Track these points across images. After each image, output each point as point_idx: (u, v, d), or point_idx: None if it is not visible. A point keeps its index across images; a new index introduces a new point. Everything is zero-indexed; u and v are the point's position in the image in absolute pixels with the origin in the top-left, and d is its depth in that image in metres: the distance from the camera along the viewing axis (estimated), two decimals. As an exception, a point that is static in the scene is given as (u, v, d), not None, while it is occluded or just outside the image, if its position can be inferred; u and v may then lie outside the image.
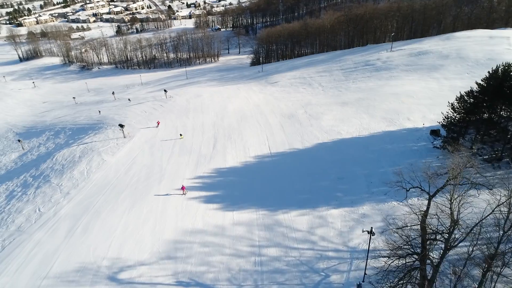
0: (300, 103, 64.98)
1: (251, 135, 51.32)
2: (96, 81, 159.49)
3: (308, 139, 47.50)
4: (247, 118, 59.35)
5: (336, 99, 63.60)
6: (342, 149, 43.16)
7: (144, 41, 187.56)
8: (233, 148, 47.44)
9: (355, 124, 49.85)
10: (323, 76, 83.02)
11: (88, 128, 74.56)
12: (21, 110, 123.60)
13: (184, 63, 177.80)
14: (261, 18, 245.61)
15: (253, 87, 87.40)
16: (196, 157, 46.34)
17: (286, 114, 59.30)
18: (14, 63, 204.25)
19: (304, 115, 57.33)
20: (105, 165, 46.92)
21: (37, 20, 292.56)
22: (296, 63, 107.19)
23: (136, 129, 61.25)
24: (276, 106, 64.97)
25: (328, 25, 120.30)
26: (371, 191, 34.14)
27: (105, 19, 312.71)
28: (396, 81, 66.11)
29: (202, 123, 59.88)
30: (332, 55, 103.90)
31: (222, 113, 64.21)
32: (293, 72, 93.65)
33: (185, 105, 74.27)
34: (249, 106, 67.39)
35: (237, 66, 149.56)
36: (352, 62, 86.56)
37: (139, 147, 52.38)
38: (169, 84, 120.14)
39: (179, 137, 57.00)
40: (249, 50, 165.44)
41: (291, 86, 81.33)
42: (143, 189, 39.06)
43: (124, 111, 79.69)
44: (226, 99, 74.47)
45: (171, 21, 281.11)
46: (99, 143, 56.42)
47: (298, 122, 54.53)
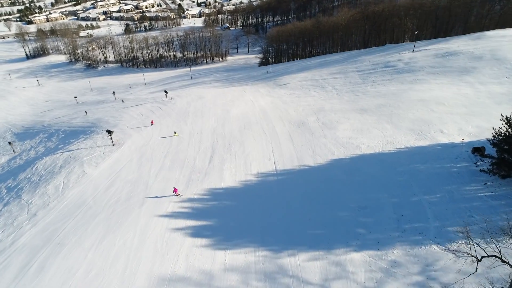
0: (312, 108, 57.58)
1: (255, 147, 44.22)
2: (101, 80, 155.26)
3: (321, 153, 40.11)
4: (251, 125, 52.29)
5: (353, 105, 55.98)
6: (363, 168, 35.64)
7: (151, 39, 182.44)
8: (233, 163, 40.39)
9: (377, 136, 42.22)
10: (338, 78, 75.34)
11: (81, 132, 68.87)
12: (22, 109, 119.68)
13: (191, 62, 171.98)
14: (272, 17, 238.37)
15: (260, 89, 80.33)
16: (188, 172, 39.46)
17: (296, 121, 52.01)
18: (21, 60, 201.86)
19: (316, 123, 49.94)
20: (85, 179, 40.48)
21: (47, 18, 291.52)
22: (307, 64, 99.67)
23: (128, 135, 54.84)
24: (284, 112, 57.75)
25: (342, 23, 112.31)
26: (402, 228, 26.63)
27: (114, 17, 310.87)
28: (422, 85, 58.05)
29: (201, 129, 53.07)
30: (347, 55, 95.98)
31: (223, 118, 57.31)
32: (304, 73, 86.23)
33: (185, 108, 67.68)
34: (254, 111, 60.33)
35: (245, 66, 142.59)
36: (369, 63, 78.63)
37: (127, 157, 45.85)
38: (173, 84, 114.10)
39: (174, 135, 52.26)
40: (258, 50, 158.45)
41: (301, 89, 73.94)
42: (121, 213, 32.35)
43: (120, 113, 73.79)
44: (229, 102, 67.55)
45: (181, 20, 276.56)
46: (85, 151, 50.17)
47: (309, 131, 47.18)
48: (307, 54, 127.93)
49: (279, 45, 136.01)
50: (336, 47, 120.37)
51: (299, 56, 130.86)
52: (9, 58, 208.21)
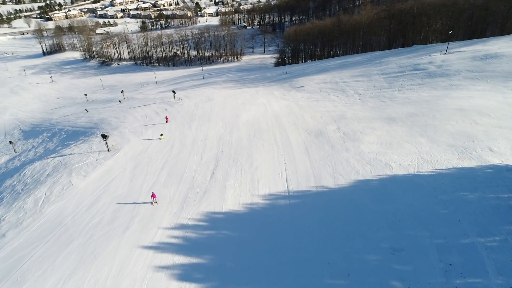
0: (331, 115, 51.02)
1: (264, 159, 38.12)
2: (113, 77, 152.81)
3: (342, 171, 33.63)
4: (262, 133, 46.21)
5: (379, 112, 49.07)
6: (395, 193, 28.99)
7: (165, 37, 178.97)
8: (238, 179, 34.39)
9: (410, 153, 35.38)
10: (360, 81, 68.33)
11: (82, 133, 64.78)
12: (34, 106, 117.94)
13: (205, 62, 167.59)
14: (290, 16, 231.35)
15: (274, 91, 74.17)
16: (186, 188, 33.74)
17: (313, 130, 45.58)
18: (38, 56, 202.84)
19: (336, 133, 43.39)
20: (69, 192, 35.40)
21: (66, 15, 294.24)
22: (326, 65, 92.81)
23: (126, 139, 49.76)
24: (300, 118, 51.39)
25: (365, 21, 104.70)
26: (453, 284, 20.01)
27: (132, 15, 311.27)
28: (460, 92, 50.58)
29: (206, 136, 47.38)
30: (370, 57, 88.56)
31: (232, 123, 51.48)
32: (322, 75, 79.53)
33: (192, 110, 62.30)
34: (266, 116, 54.23)
35: (260, 66, 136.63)
36: (396, 65, 71.21)
37: (120, 166, 40.61)
38: (184, 83, 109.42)
39: (160, 137, 48.66)
40: (274, 49, 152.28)
41: (319, 92, 67.34)
42: (99, 240, 26.90)
43: (124, 114, 69.31)
44: (240, 106, 61.70)
45: (197, 18, 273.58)
46: (78, 157, 45.33)
47: (328, 143, 40.69)
48: (326, 54, 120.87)
49: (296, 44, 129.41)
50: (357, 48, 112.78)
51: (317, 56, 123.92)
52: (27, 54, 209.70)
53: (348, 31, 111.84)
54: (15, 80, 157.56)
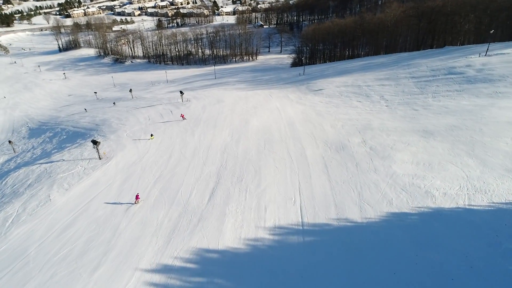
0: (355, 124, 44.16)
1: (275, 179, 31.79)
2: (125, 75, 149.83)
3: (371, 200, 26.95)
4: (273, 144, 39.88)
5: (412, 123, 41.90)
6: (442, 236, 22.19)
7: (180, 35, 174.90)
8: (241, 203, 28.22)
9: (457, 177, 28.33)
10: (386, 85, 60.99)
11: (81, 135, 60.51)
12: (45, 102, 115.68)
13: (220, 61, 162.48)
14: (308, 16, 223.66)
15: (289, 94, 67.68)
16: (177, 212, 27.84)
17: (333, 142, 38.90)
18: (54, 53, 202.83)
19: (361, 147, 36.61)
20: (45, 210, 30.14)
21: (85, 12, 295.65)
22: (347, 66, 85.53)
23: (121, 146, 44.46)
24: (318, 127, 44.76)
25: (392, 20, 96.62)
26: None
27: (149, 13, 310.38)
28: (509, 101, 42.80)
29: (209, 145, 41.45)
30: (396, 58, 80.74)
31: (240, 131, 45.39)
32: (343, 78, 72.42)
33: (198, 113, 56.67)
34: (279, 123, 47.87)
35: (276, 66, 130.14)
36: (427, 68, 63.40)
37: (109, 179, 35.17)
38: (195, 83, 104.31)
39: (150, 138, 45.68)
40: (291, 49, 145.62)
41: (340, 97, 60.42)
42: (61, 281, 21.33)
43: (127, 115, 64.56)
44: (251, 110, 55.58)
45: (214, 17, 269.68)
46: (65, 165, 40.28)
47: (352, 160, 33.98)
48: (346, 55, 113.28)
49: (314, 44, 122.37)
50: (380, 49, 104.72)
51: (337, 57, 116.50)
52: (43, 50, 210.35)
53: (371, 30, 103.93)
54: (30, 76, 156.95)
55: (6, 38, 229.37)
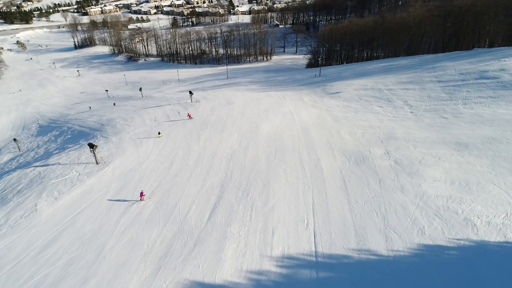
0: (376, 133, 39.77)
1: (285, 195, 27.89)
2: (138, 74, 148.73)
3: (398, 226, 22.75)
4: (285, 153, 35.95)
5: (442, 133, 37.24)
6: (488, 277, 17.88)
7: (194, 33, 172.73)
8: (245, 224, 24.46)
9: (502, 202, 23.79)
10: (410, 89, 56.13)
11: (85, 135, 58.36)
12: (57, 99, 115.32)
13: (233, 60, 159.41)
14: (325, 16, 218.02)
15: (304, 96, 63.58)
16: (172, 232, 24.34)
17: (352, 153, 34.68)
18: (69, 50, 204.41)
19: (385, 160, 32.28)
20: (28, 222, 27.20)
21: (102, 10, 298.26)
22: (366, 68, 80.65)
23: (122, 149, 41.44)
24: (335, 134, 40.57)
25: (415, 20, 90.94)
26: None
27: (165, 12, 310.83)
28: (555, 111, 37.61)
29: (215, 152, 37.89)
30: (420, 60, 75.41)
31: (249, 136, 41.67)
32: (362, 80, 67.77)
33: (206, 116, 53.33)
34: (293, 129, 43.90)
35: (290, 67, 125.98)
36: (455, 71, 58.16)
37: (102, 188, 32.03)
38: (206, 83, 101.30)
39: (158, 136, 44.85)
40: (307, 50, 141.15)
41: (359, 101, 55.93)
42: (30, 316, 18.04)
43: (133, 116, 62.02)
44: (262, 113, 51.83)
45: (229, 16, 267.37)
46: (60, 169, 37.51)
47: (374, 175, 29.73)
48: (364, 56, 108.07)
49: (331, 45, 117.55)
50: (401, 50, 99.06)
51: (354, 58, 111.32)
52: (59, 47, 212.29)
53: (392, 30, 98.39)
54: (44, 73, 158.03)
55: (24, 35, 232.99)
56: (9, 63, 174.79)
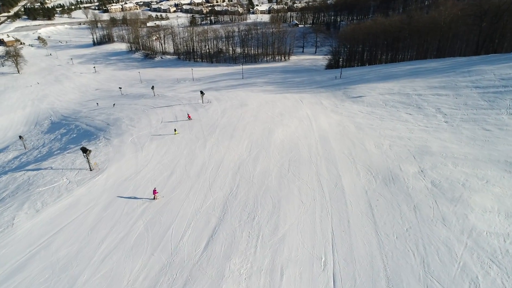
0: (406, 145, 34.44)
1: (299, 222, 23.17)
2: (153, 71, 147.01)
3: (442, 274, 17.69)
4: (299, 166, 31.21)
5: (487, 149, 31.57)
6: None
7: (211, 32, 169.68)
8: (247, 259, 19.95)
9: None
10: (443, 95, 50.18)
11: (89, 135, 55.70)
12: (72, 96, 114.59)
13: (250, 60, 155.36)
14: (347, 16, 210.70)
15: (323, 100, 58.52)
16: (159, 266, 20.10)
17: (380, 170, 29.56)
18: (88, 46, 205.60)
19: (419, 180, 27.04)
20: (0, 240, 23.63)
21: (122, 7, 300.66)
22: (391, 70, 74.59)
23: (120, 154, 37.77)
24: (358, 146, 35.49)
25: (446, 19, 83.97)
26: None
27: (184, 10, 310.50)
28: None
29: (220, 162, 33.57)
30: (451, 63, 68.83)
31: (261, 144, 37.15)
32: (387, 84, 62.05)
33: (216, 118, 49.23)
34: (310, 137, 39.06)
35: (309, 67, 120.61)
36: (495, 76, 51.72)
37: (90, 201, 28.24)
38: (220, 83, 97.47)
39: (174, 133, 43.39)
40: (327, 50, 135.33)
41: (384, 107, 50.44)
42: None
43: (140, 116, 58.90)
44: (276, 118, 47.23)
45: (248, 15, 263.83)
46: (51, 174, 34.15)
47: (407, 200, 24.59)
48: (389, 58, 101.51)
49: (353, 45, 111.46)
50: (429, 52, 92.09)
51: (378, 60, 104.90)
52: (79, 43, 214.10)
53: (420, 31, 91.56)
54: (62, 69, 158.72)
55: (46, 31, 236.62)
56: (29, 58, 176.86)
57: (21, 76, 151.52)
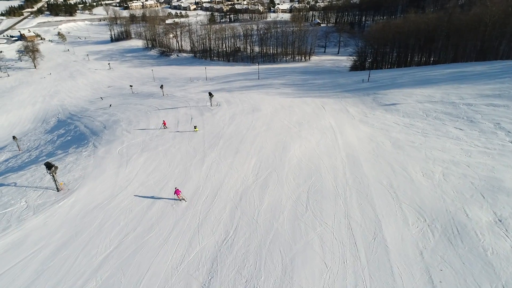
0: (467, 175, 25.63)
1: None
2: (168, 69, 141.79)
3: None
4: (322, 203, 23.06)
5: None
6: None
7: (229, 30, 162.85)
8: None
9: None
10: (500, 106, 40.69)
11: (80, 140, 49.94)
12: (83, 92, 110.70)
13: (269, 59, 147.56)
14: (373, 16, 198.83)
15: (349, 107, 49.96)
16: None
17: (436, 214, 21.02)
18: (105, 42, 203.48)
19: (500, 238, 18.38)
20: None
21: (143, 5, 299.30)
22: (429, 74, 64.87)
23: (100, 170, 30.77)
24: (400, 173, 26.93)
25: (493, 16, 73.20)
26: None
27: (205, 8, 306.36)
28: None
29: (218, 189, 25.87)
30: (503, 67, 58.64)
31: (271, 165, 29.24)
32: (426, 89, 52.80)
33: (222, 126, 41.77)
34: (334, 155, 30.80)
35: (332, 69, 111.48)
36: None
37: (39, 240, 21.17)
38: (234, 83, 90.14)
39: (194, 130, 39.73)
40: (351, 51, 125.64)
41: (426, 118, 41.41)
42: None
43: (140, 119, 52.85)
44: (294, 128, 39.21)
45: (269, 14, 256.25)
46: (11, 193, 27.55)
47: (491, 275, 16.05)
48: (423, 60, 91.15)
49: (381, 45, 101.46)
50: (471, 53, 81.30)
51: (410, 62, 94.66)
52: (97, 39, 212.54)
53: (461, 29, 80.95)
54: (77, 65, 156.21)
55: (66, 27, 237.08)
56: (47, 53, 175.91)
57: (37, 72, 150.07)
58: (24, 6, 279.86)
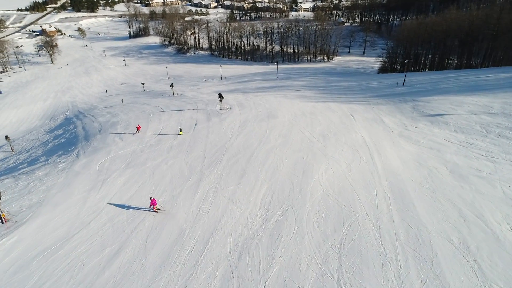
0: None
1: None
2: (183, 67, 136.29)
3: None
4: (363, 274, 15.11)
5: None
6: None
7: (248, 27, 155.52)
8: None
9: None
10: None
11: (69, 145, 44.36)
12: (96, 89, 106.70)
13: (289, 59, 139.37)
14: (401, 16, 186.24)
15: (384, 116, 41.33)
16: None
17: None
18: (124, 39, 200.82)
19: None
20: None
21: (164, 1, 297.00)
22: (478, 79, 54.95)
23: (66, 193, 23.87)
24: (473, 221, 18.53)
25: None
26: None
27: (225, 6, 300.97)
28: None
29: (208, 239, 18.27)
30: None
31: (286, 198, 21.42)
32: (479, 97, 43.35)
33: (229, 136, 34.36)
34: (373, 186, 22.63)
35: (357, 70, 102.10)
36: None
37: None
38: (250, 83, 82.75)
39: None
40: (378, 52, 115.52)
41: (487, 135, 32.39)
42: None
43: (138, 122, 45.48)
44: (317, 143, 31.17)
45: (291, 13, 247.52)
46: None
47: None
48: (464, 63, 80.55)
49: (413, 46, 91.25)
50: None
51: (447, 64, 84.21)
52: (116, 35, 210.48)
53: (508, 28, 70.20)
54: (94, 60, 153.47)
55: (87, 23, 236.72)
56: (65, 49, 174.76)
57: (54, 67, 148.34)
58: (48, 2, 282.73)
